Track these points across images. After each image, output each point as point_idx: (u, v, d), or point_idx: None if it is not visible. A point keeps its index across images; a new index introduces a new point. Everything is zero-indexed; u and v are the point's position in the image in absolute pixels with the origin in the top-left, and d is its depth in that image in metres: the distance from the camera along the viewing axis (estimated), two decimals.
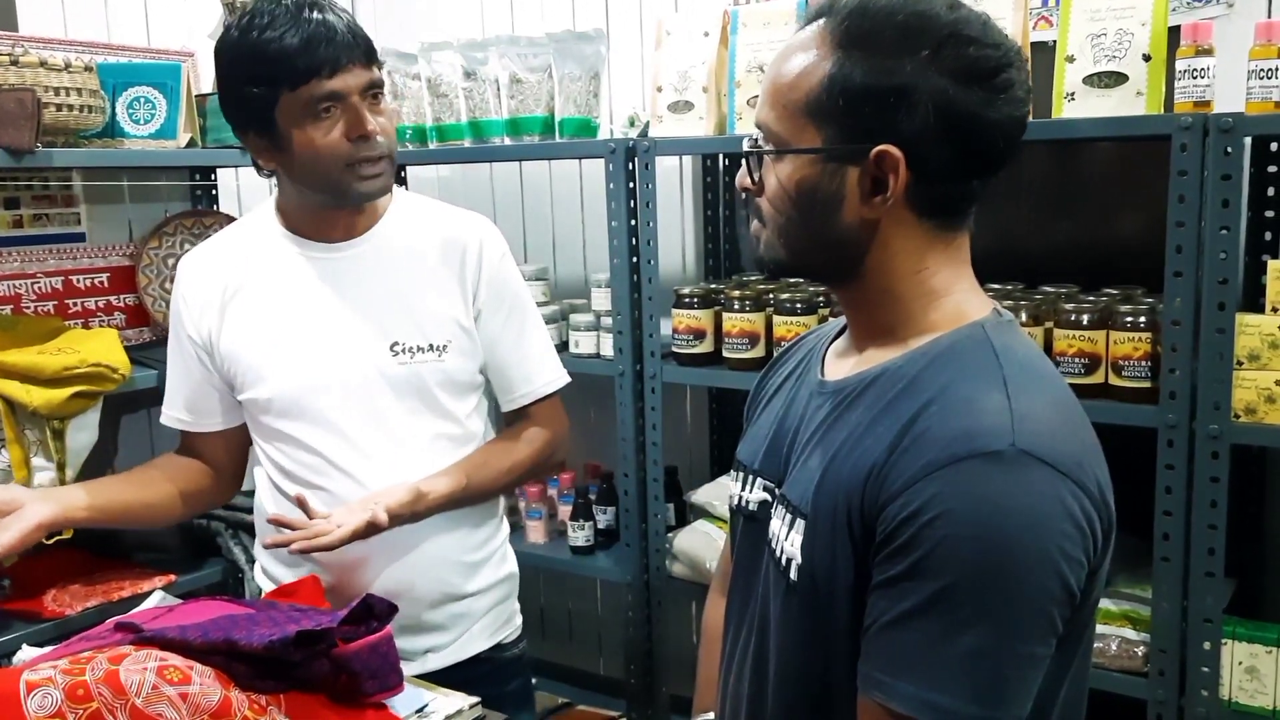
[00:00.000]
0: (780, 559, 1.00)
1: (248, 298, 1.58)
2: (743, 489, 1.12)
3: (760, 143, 0.99)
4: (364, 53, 1.45)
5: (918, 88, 0.90)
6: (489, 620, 1.67)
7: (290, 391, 1.55)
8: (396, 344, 1.53)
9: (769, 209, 0.99)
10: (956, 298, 0.98)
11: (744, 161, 1.01)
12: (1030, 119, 1.00)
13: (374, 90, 1.48)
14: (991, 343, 0.94)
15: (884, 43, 0.91)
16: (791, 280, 2.30)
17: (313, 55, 1.40)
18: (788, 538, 0.99)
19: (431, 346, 1.54)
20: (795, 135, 0.95)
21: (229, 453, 1.71)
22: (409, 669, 1.51)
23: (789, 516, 0.99)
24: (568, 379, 1.70)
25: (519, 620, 1.76)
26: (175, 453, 1.76)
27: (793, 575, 0.98)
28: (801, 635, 0.98)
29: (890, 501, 0.88)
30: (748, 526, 1.10)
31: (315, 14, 1.42)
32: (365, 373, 1.53)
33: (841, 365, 1.04)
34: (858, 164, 0.93)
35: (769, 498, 1.05)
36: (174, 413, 1.71)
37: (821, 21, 0.95)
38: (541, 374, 1.66)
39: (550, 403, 1.68)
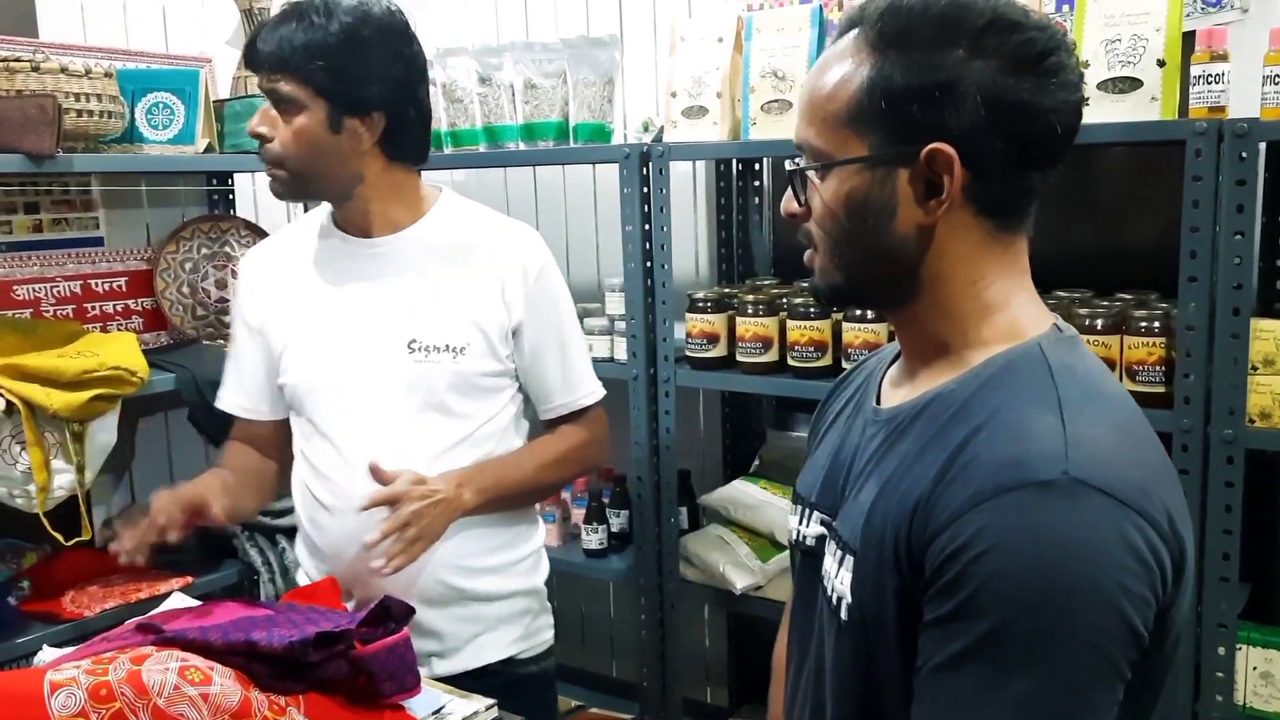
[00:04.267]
0: (832, 597, 0.96)
1: (293, 287, 1.63)
2: (800, 522, 1.07)
3: (801, 163, 0.95)
4: (268, 63, 1.49)
5: (962, 80, 0.86)
6: (504, 631, 1.65)
7: (310, 379, 1.60)
8: (415, 341, 1.55)
9: (818, 231, 0.95)
10: (1013, 312, 0.93)
11: (789, 186, 0.96)
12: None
13: (276, 100, 1.50)
14: (1048, 362, 0.88)
15: (922, 38, 0.87)
16: (805, 283, 2.30)
17: (247, 51, 1.55)
18: (838, 575, 0.95)
19: (449, 347, 1.55)
20: (838, 148, 0.91)
21: (284, 445, 1.71)
22: None
23: (840, 553, 0.95)
24: (604, 392, 1.72)
25: (546, 636, 1.73)
26: (234, 442, 1.76)
27: (843, 615, 0.93)
28: (855, 678, 0.94)
29: (937, 535, 0.83)
30: (805, 562, 1.06)
31: (276, 18, 1.52)
32: (381, 367, 1.55)
33: (897, 392, 1.00)
34: (908, 167, 0.88)
35: (825, 531, 1.01)
36: (234, 398, 1.72)
37: (855, 31, 0.91)
38: (583, 385, 1.68)
39: (591, 410, 1.70)
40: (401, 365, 1.55)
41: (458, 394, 1.56)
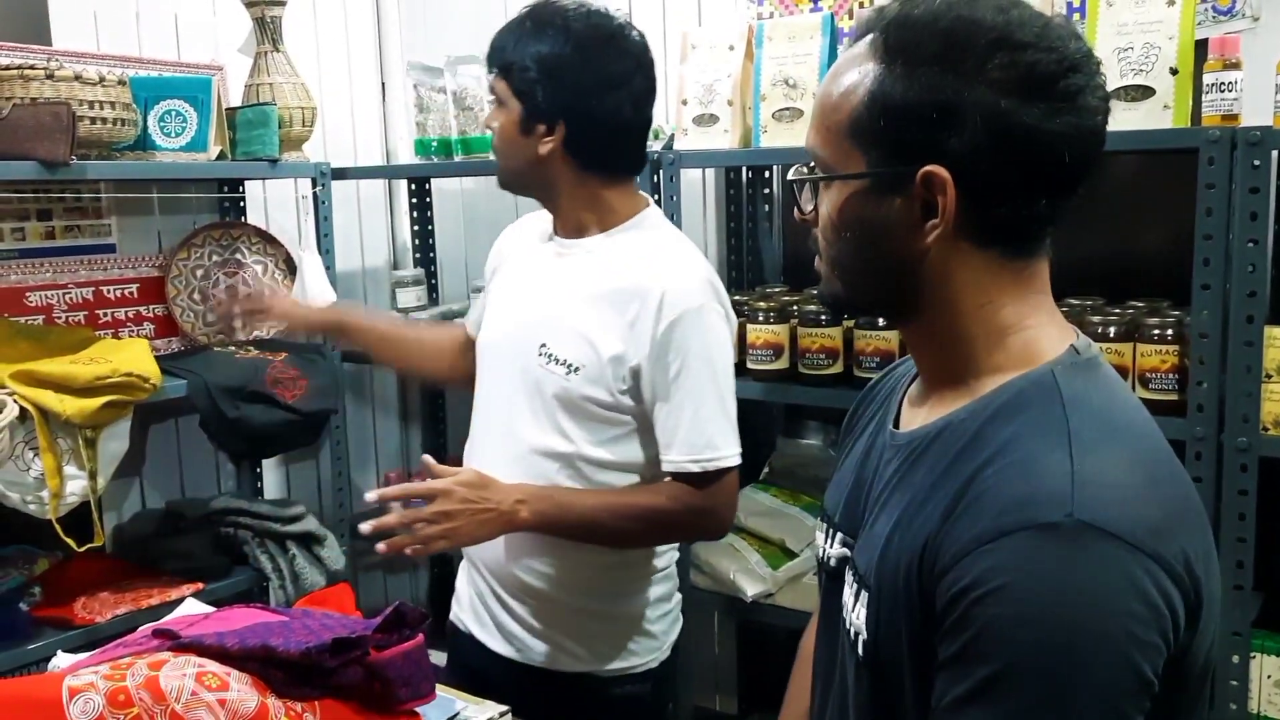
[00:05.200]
0: (850, 630, 0.94)
1: (508, 262, 1.76)
2: (825, 541, 1.05)
3: (810, 169, 0.93)
4: (489, 60, 1.61)
5: (964, 101, 0.82)
6: (575, 641, 1.63)
7: (480, 347, 1.73)
8: (544, 346, 1.58)
9: (822, 241, 0.93)
10: (1028, 334, 0.88)
11: (797, 190, 0.95)
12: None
13: (492, 92, 1.61)
14: (1060, 390, 0.84)
15: (925, 54, 0.83)
16: (815, 290, 2.30)
17: None
18: (854, 609, 0.93)
19: (567, 363, 1.55)
20: (840, 160, 0.89)
21: (465, 362, 1.83)
22: (484, 635, 1.68)
23: (856, 586, 0.93)
24: (720, 465, 1.54)
25: (635, 661, 1.66)
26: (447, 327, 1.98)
27: (860, 651, 0.91)
28: (874, 713, 0.92)
29: (944, 574, 0.81)
30: (830, 584, 1.04)
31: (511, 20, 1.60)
32: (517, 360, 1.61)
33: (915, 413, 0.96)
34: (905, 188, 0.85)
35: (848, 553, 0.99)
36: (471, 314, 1.89)
37: (869, 36, 0.88)
38: (699, 450, 1.53)
39: (707, 479, 1.55)
40: (530, 366, 1.59)
41: (564, 411, 1.57)
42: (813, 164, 0.93)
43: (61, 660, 1.37)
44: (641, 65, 1.58)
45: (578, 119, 1.54)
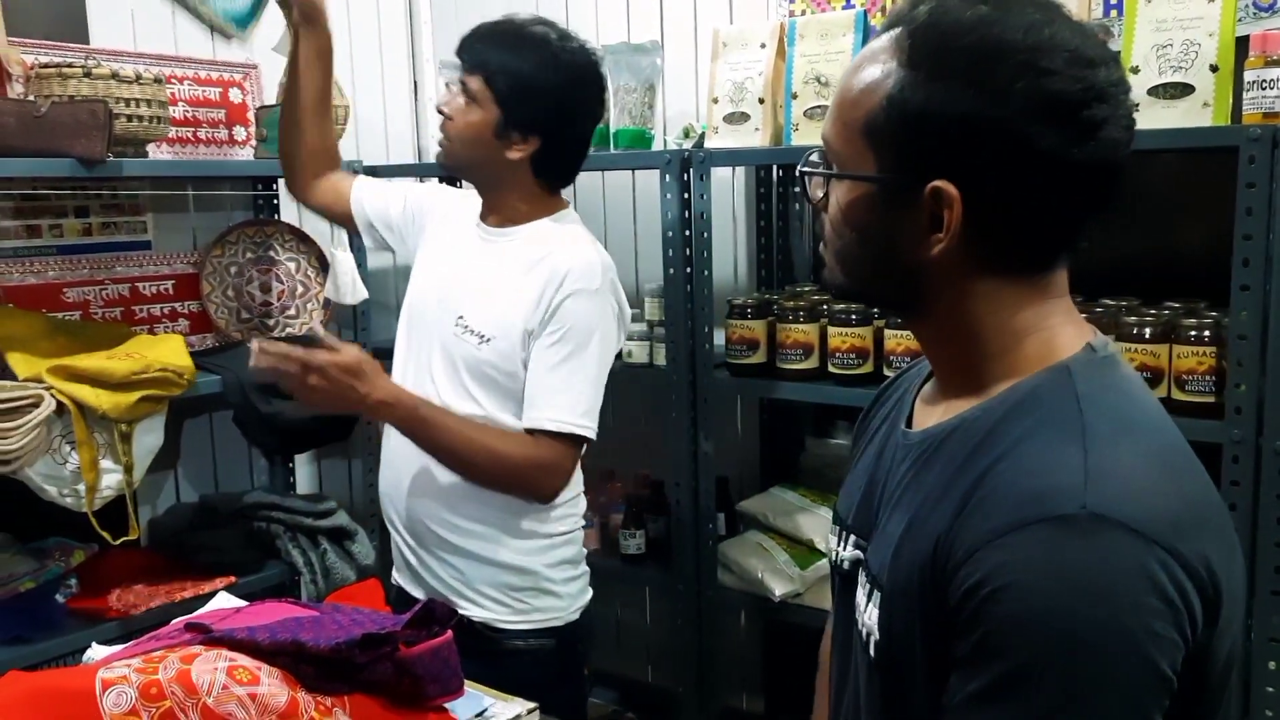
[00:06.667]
0: (862, 631, 0.93)
1: (445, 234, 1.85)
2: (838, 544, 1.03)
3: (815, 159, 0.92)
4: (470, 59, 1.71)
5: (983, 121, 0.79)
6: (482, 593, 1.74)
7: (405, 310, 1.85)
8: (461, 318, 1.73)
9: (828, 230, 0.92)
10: (1044, 335, 0.87)
11: (807, 177, 0.94)
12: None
13: (465, 89, 1.71)
14: (1075, 387, 0.83)
15: (949, 66, 0.81)
16: None
17: (465, 39, 1.74)
18: (867, 610, 0.91)
19: (480, 334, 1.71)
20: (853, 157, 0.87)
21: (339, 193, 1.98)
22: (410, 586, 1.81)
23: (869, 587, 0.92)
24: (571, 430, 1.66)
25: (538, 616, 1.77)
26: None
27: (872, 652, 0.90)
28: (887, 714, 0.91)
29: (956, 571, 0.79)
30: (843, 588, 1.02)
31: (499, 23, 1.73)
32: (436, 327, 1.76)
33: (928, 412, 0.95)
34: (913, 198, 0.83)
35: (861, 555, 0.97)
36: (367, 184, 2.00)
37: (897, 30, 0.85)
38: (547, 409, 1.66)
39: (554, 441, 1.66)
40: (447, 333, 1.74)
41: (472, 376, 1.72)
42: (826, 154, 0.92)
43: (96, 652, 1.38)
44: (603, 98, 1.78)
45: (552, 137, 1.69)
